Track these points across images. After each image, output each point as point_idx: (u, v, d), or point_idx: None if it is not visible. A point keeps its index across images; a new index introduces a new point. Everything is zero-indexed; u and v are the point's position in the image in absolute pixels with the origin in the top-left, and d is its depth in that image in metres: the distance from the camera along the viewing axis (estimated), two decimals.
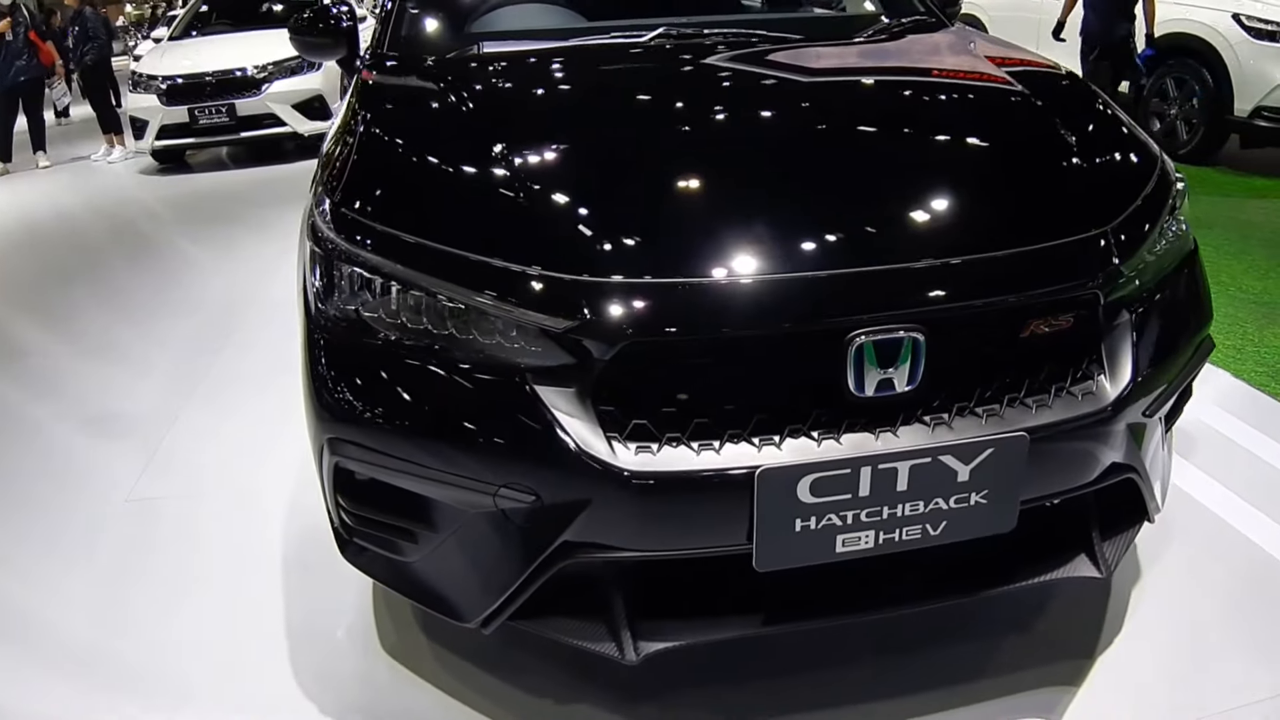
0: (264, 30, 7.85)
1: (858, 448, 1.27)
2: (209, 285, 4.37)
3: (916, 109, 1.78)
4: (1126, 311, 1.46)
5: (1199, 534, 2.04)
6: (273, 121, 7.22)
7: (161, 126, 7.08)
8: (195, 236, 5.44)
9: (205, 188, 6.78)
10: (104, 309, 4.16)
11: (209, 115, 7.08)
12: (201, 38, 7.87)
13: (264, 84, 7.15)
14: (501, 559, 1.36)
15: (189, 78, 7.04)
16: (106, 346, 3.70)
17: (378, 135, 1.72)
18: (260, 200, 6.08)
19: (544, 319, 1.26)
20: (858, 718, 1.60)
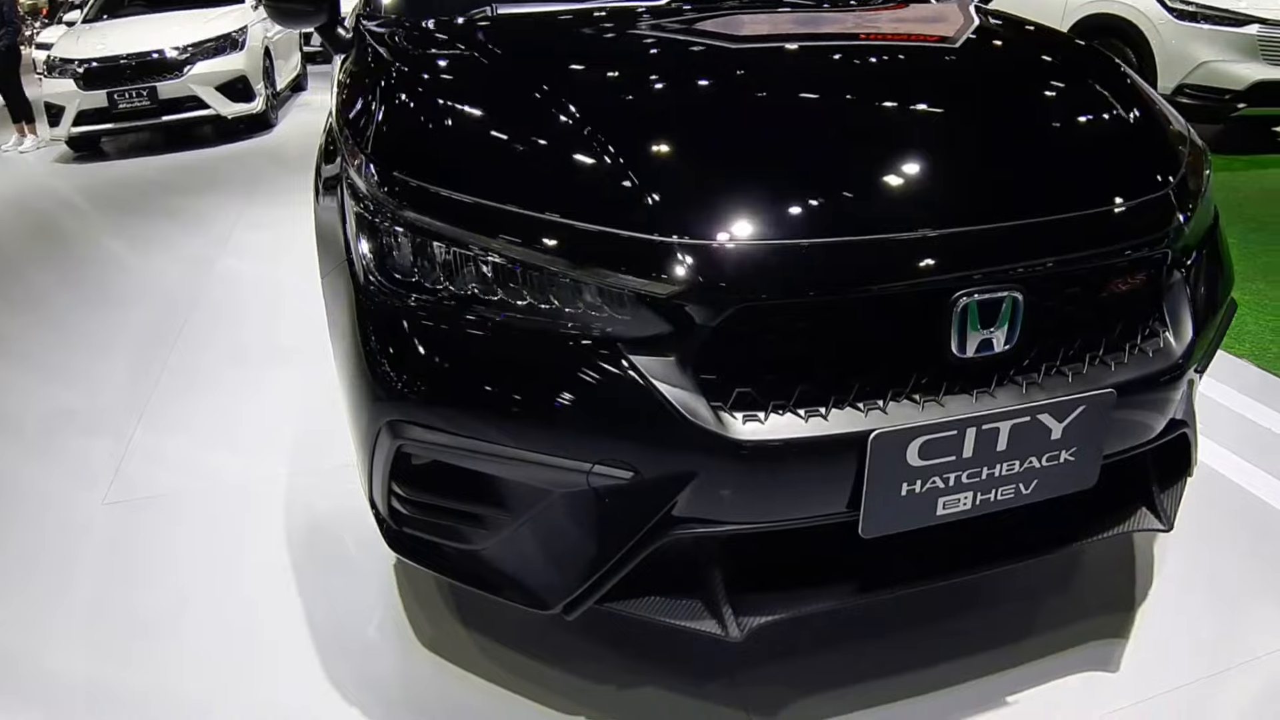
0: (182, 10, 7.43)
1: (959, 409, 1.24)
2: (145, 287, 3.93)
3: (987, 73, 1.74)
4: (1179, 270, 1.47)
5: (1198, 489, 2.10)
6: (195, 104, 6.83)
7: (79, 112, 6.61)
8: (121, 231, 4.94)
9: (125, 176, 6.32)
10: (24, 312, 3.82)
11: (129, 99, 6.65)
12: (117, 19, 7.37)
13: (185, 66, 6.75)
14: (591, 539, 1.28)
15: (107, 60, 6.59)
16: (46, 349, 3.41)
17: (425, 97, 1.57)
18: (186, 188, 5.71)
19: (647, 284, 1.18)
20: (920, 681, 1.58)
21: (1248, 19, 5.39)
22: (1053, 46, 1.85)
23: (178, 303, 3.62)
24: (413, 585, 1.89)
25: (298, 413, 2.68)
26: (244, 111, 6.96)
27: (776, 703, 1.55)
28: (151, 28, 6.99)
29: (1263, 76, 5.39)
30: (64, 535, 2.17)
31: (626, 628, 1.69)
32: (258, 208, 5.08)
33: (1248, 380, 2.64)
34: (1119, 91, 1.65)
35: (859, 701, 1.55)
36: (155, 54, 6.67)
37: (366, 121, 1.54)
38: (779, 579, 1.34)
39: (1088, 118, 1.56)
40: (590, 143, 1.34)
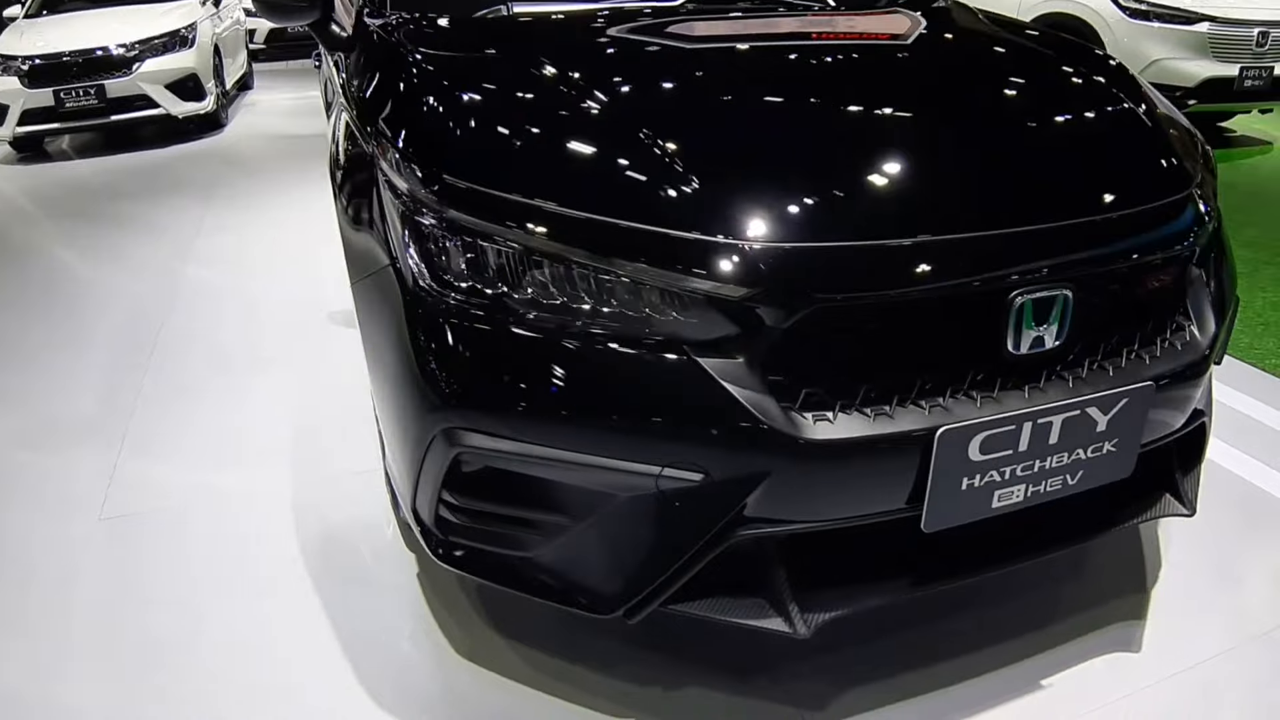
0: (127, 6, 7.18)
1: (1014, 405, 1.28)
2: (113, 297, 3.72)
3: (1027, 81, 1.77)
4: (1199, 267, 1.54)
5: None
6: (145, 103, 6.59)
7: (24, 111, 6.33)
8: (79, 240, 4.64)
9: (75, 180, 6.05)
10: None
11: (76, 98, 6.39)
12: (60, 15, 7.08)
13: (134, 63, 6.51)
14: (658, 542, 1.29)
15: (53, 58, 6.32)
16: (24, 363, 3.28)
17: (473, 98, 1.54)
18: (142, 193, 5.48)
19: (721, 287, 1.19)
20: (956, 670, 1.63)
21: (1199, 17, 5.62)
22: (1077, 55, 1.91)
23: (150, 312, 3.48)
24: (440, 595, 1.87)
25: (289, 420, 2.62)
26: (195, 111, 6.75)
27: (822, 697, 1.58)
28: (98, 24, 6.73)
29: (1213, 73, 5.62)
30: (61, 554, 2.08)
31: (660, 631, 1.70)
32: (219, 212, 4.90)
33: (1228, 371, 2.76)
34: (1139, 98, 1.72)
35: (900, 692, 1.59)
36: (103, 51, 6.43)
37: (409, 124, 1.50)
38: (840, 575, 1.36)
39: (1119, 123, 1.62)
40: (650, 146, 1.35)
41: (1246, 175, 5.48)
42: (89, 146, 6.98)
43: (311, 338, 3.19)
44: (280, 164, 6.05)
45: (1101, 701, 1.57)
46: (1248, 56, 5.76)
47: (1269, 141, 6.38)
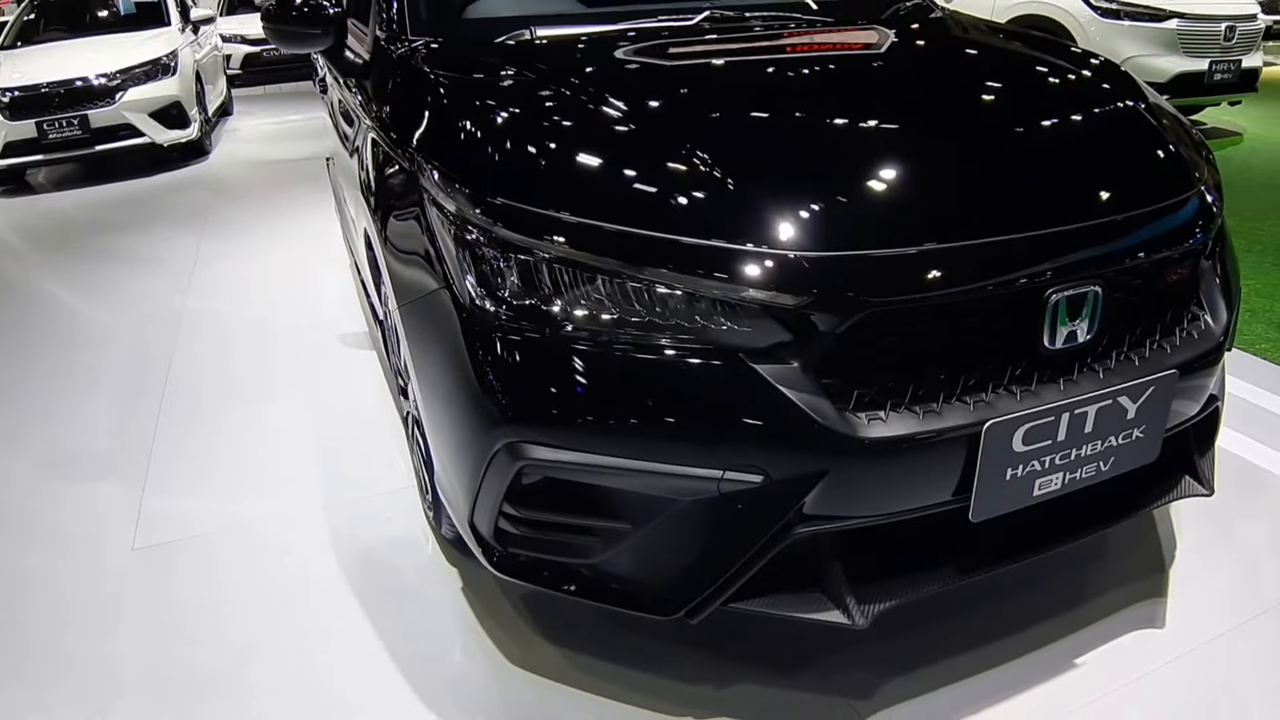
0: (107, 36, 7.18)
1: (1051, 397, 1.36)
2: (119, 330, 3.72)
3: (1049, 91, 1.86)
4: (1210, 260, 1.63)
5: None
6: (129, 132, 6.59)
7: (6, 144, 6.31)
8: (69, 277, 4.57)
9: (57, 212, 6.01)
10: None
11: (59, 129, 6.38)
12: (38, 45, 7.06)
13: (117, 92, 6.51)
14: (719, 543, 1.35)
15: (35, 89, 6.31)
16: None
17: (511, 121, 1.60)
18: (127, 225, 5.44)
19: (777, 296, 1.26)
20: (993, 654, 1.70)
21: (1168, 14, 5.80)
22: (1088, 64, 2.00)
23: (157, 345, 3.49)
24: (486, 607, 1.91)
25: (308, 444, 2.65)
26: (180, 139, 6.75)
27: (866, 686, 1.64)
28: (77, 54, 6.72)
29: (1184, 68, 5.80)
30: (98, 586, 2.10)
31: (704, 631, 1.75)
32: (213, 242, 4.89)
33: None
34: (1144, 100, 1.81)
35: (942, 678, 1.65)
36: (85, 81, 6.43)
37: (456, 149, 1.56)
38: (892, 567, 1.43)
39: (1131, 125, 1.73)
40: (696, 161, 1.41)
41: (1221, 166, 5.60)
42: (69, 178, 6.95)
43: (321, 361, 3.22)
44: (268, 190, 6.07)
45: (1135, 675, 1.65)
46: (1216, 51, 5.96)
47: (1239, 133, 6.57)
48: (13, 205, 6.34)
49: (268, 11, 2.45)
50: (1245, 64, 6.12)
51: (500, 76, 1.78)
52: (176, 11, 7.56)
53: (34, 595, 2.08)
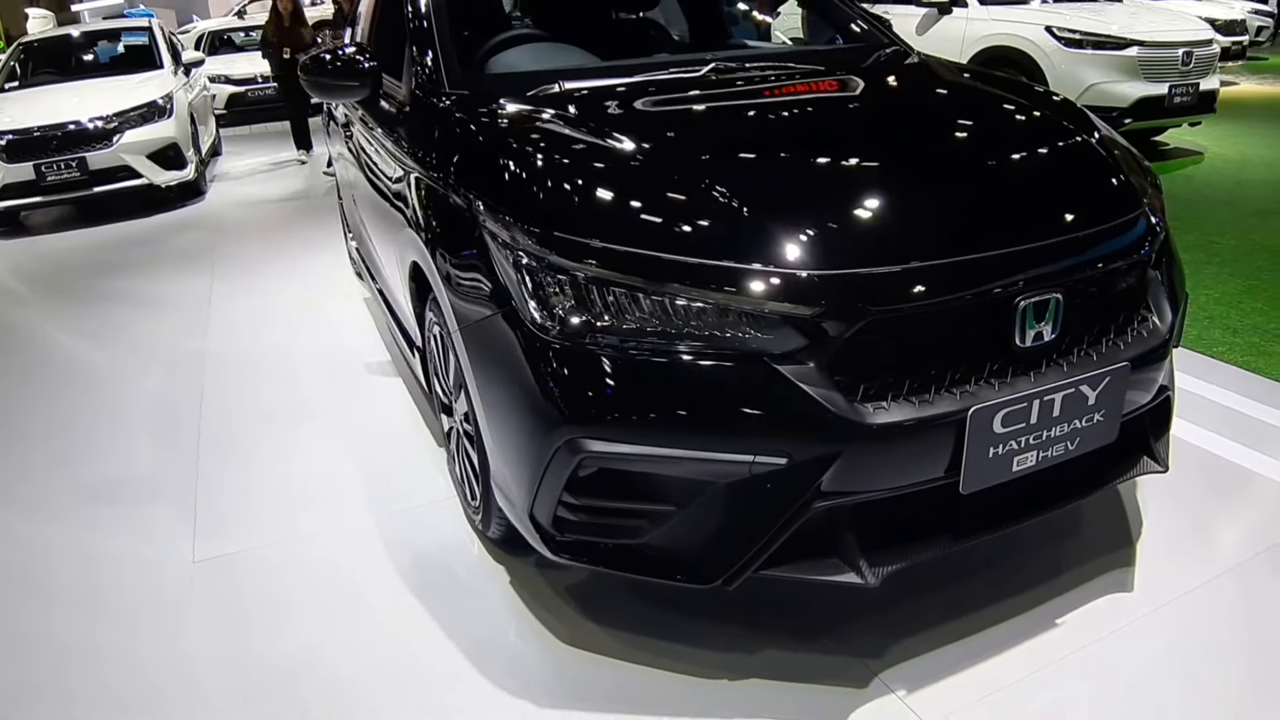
0: (101, 79, 7.46)
1: (1024, 387, 1.66)
2: (147, 368, 3.91)
3: (1013, 126, 2.20)
4: (1155, 269, 1.95)
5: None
6: (127, 174, 6.83)
7: (4, 186, 6.53)
8: (77, 321, 4.69)
9: (59, 254, 6.18)
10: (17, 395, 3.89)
11: (57, 171, 6.61)
12: (32, 89, 7.32)
13: (115, 135, 6.77)
14: (752, 517, 1.63)
15: (33, 131, 6.55)
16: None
17: (560, 163, 1.89)
18: (134, 266, 5.61)
19: (796, 309, 1.56)
20: (986, 618, 1.98)
21: (1128, 42, 6.25)
22: (1049, 103, 2.35)
23: (186, 380, 3.69)
24: (534, 596, 2.17)
25: (348, 464, 2.89)
26: (177, 179, 7.00)
27: (878, 648, 1.92)
28: (74, 97, 6.98)
29: (1145, 93, 6.25)
30: (166, 596, 2.31)
31: (732, 606, 2.03)
32: (223, 281, 5.07)
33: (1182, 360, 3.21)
34: (1095, 132, 2.15)
35: (944, 639, 1.94)
36: (83, 123, 6.67)
37: (513, 188, 1.85)
38: (898, 535, 1.72)
39: (1085, 155, 2.06)
40: (723, 198, 1.72)
41: (1182, 185, 6.07)
42: (64, 220, 7.13)
43: (349, 388, 3.48)
44: (270, 228, 6.33)
45: (1108, 630, 1.94)
46: (1175, 76, 6.41)
47: (1200, 152, 7.03)
48: (10, 248, 6.52)
49: (306, 65, 2.76)
50: (1203, 87, 6.58)
51: (541, 125, 2.08)
52: (168, 54, 7.85)
53: (103, 611, 2.28)
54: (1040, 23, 6.41)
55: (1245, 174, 6.35)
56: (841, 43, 3.04)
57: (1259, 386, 3.05)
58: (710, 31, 3.64)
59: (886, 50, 2.79)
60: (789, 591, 2.05)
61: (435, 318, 2.27)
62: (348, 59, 2.71)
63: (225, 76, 10.96)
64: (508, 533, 2.16)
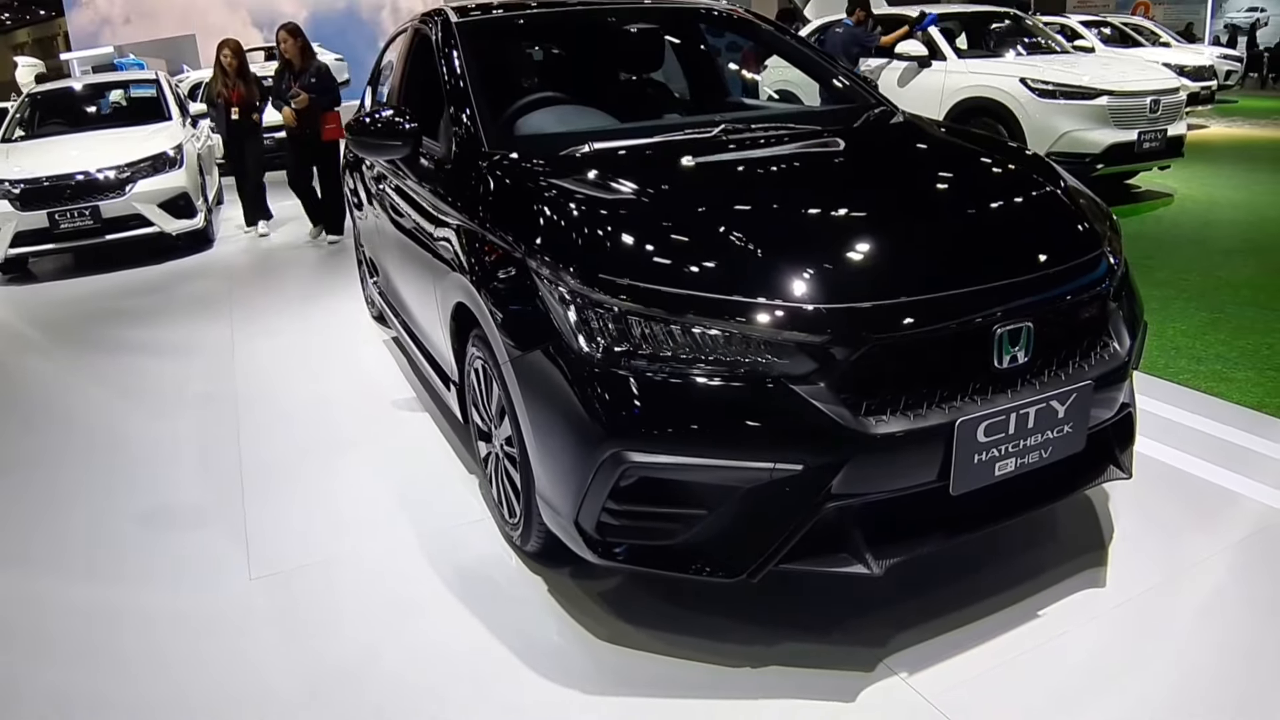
0: (112, 130, 7.79)
1: (1003, 402, 1.98)
2: (175, 419, 4.02)
3: (987, 177, 2.56)
4: (1115, 301, 2.29)
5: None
6: (139, 222, 7.12)
7: (16, 233, 6.82)
8: (97, 373, 4.83)
9: (71, 302, 6.38)
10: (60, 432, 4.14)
11: (71, 219, 6.91)
12: (44, 139, 7.65)
13: (127, 184, 7.07)
14: (771, 518, 1.93)
15: (47, 180, 6.85)
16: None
17: (600, 215, 2.21)
18: (143, 314, 5.80)
19: (809, 337, 1.88)
20: (976, 611, 2.27)
21: (1098, 92, 6.73)
22: (1020, 158, 2.73)
23: (221, 418, 3.94)
24: (571, 600, 2.45)
25: (386, 490, 3.16)
26: (188, 228, 7.30)
27: (883, 639, 2.21)
28: (86, 147, 7.29)
29: (1115, 139, 6.71)
30: (228, 610, 2.54)
31: (751, 605, 2.31)
32: (243, 327, 5.28)
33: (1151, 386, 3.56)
34: (1065, 186, 2.50)
35: (938, 629, 2.22)
36: (96, 173, 6.97)
37: (560, 237, 2.18)
38: (898, 532, 2.02)
39: (1050, 203, 2.42)
40: (745, 244, 2.05)
41: (1153, 225, 6.51)
42: (71, 267, 7.37)
43: (380, 422, 3.76)
44: (281, 273, 6.63)
45: (1084, 620, 2.24)
46: (1144, 123, 6.89)
47: (1170, 194, 7.50)
48: (20, 295, 6.75)
49: (351, 126, 3.10)
50: (1171, 132, 7.05)
51: (578, 180, 2.42)
52: (176, 106, 8.21)
53: (169, 624, 2.51)
54: (1015, 75, 6.89)
55: (1212, 215, 6.81)
56: (834, 103, 3.41)
57: (1220, 409, 3.39)
58: (709, 89, 4.03)
59: (875, 110, 3.15)
60: (801, 593, 2.35)
61: (478, 352, 2.57)
62: (388, 121, 3.04)
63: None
64: (545, 545, 2.45)
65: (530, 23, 3.63)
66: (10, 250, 6.89)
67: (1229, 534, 2.58)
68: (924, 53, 7.57)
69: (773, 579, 2.03)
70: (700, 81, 4.08)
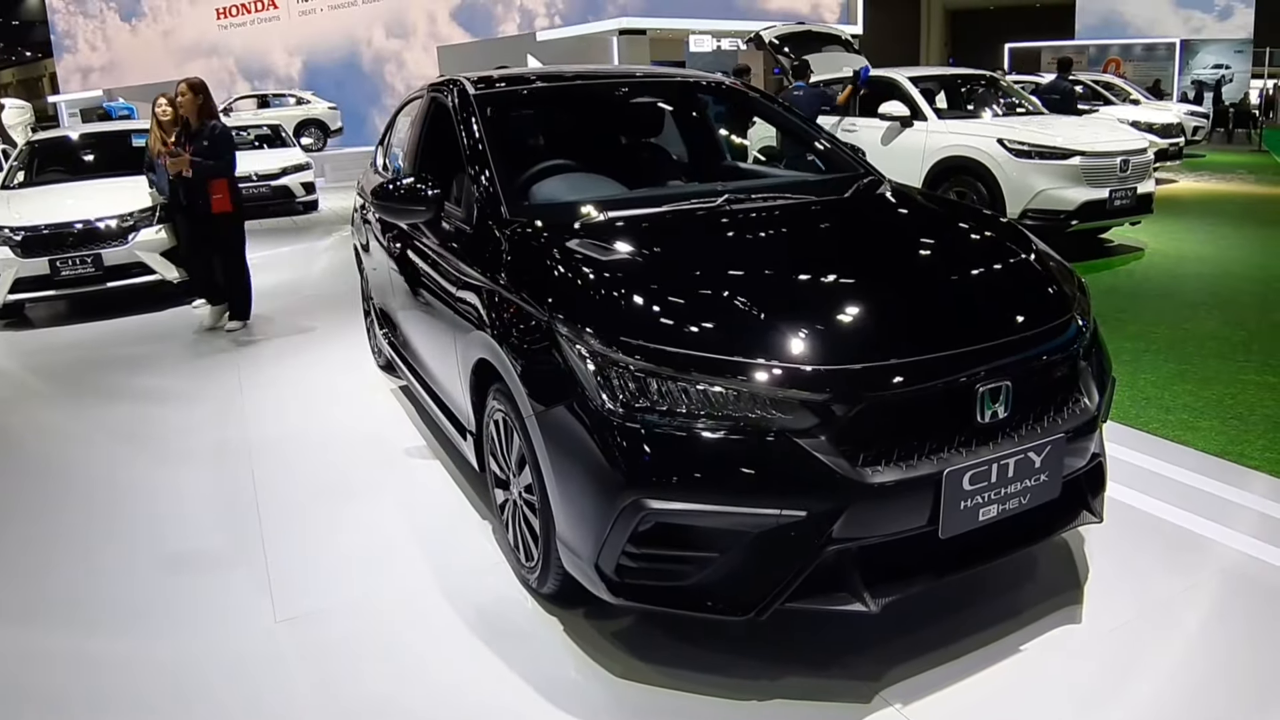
0: (113, 179, 7.97)
1: (985, 453, 2.21)
2: (190, 466, 4.19)
3: (964, 246, 2.83)
4: (1085, 360, 2.54)
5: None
6: (140, 270, 7.27)
7: (16, 279, 6.96)
8: (104, 421, 4.88)
9: (71, 349, 6.45)
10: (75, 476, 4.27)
11: (72, 266, 7.07)
12: (44, 186, 7.84)
13: (130, 233, 7.25)
14: (777, 560, 2.14)
15: (49, 228, 7.01)
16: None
17: (617, 281, 2.45)
18: (146, 361, 5.87)
19: (811, 395, 2.11)
20: (963, 646, 2.47)
21: (1071, 152, 7.11)
22: (993, 224, 3.02)
23: (235, 463, 4.10)
24: (586, 640, 2.62)
25: (403, 535, 3.32)
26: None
27: (877, 673, 2.40)
28: (88, 195, 7.46)
29: (1088, 197, 7.09)
30: (255, 651, 2.68)
31: (756, 643, 2.50)
32: (251, 373, 5.42)
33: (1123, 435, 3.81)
34: (1033, 250, 2.77)
35: (929, 664, 2.42)
36: (98, 222, 7.14)
37: (581, 299, 2.41)
38: (892, 572, 2.23)
39: (1024, 270, 2.68)
40: (749, 309, 2.28)
41: (1125, 279, 6.85)
42: (68, 314, 7.45)
43: (393, 469, 3.93)
44: (284, 320, 6.78)
45: (1062, 654, 2.45)
46: (1114, 181, 7.27)
47: (1140, 248, 7.88)
48: (19, 341, 6.83)
49: (377, 191, 3.34)
50: (1140, 190, 7.44)
51: (596, 247, 2.66)
52: None
53: (198, 665, 2.64)
54: (993, 135, 7.27)
55: (1180, 269, 7.17)
56: (826, 172, 3.69)
57: (1187, 456, 3.65)
58: (706, 154, 4.32)
59: (864, 180, 3.43)
60: (802, 630, 2.54)
61: (499, 405, 2.78)
62: (410, 188, 3.28)
63: None
64: (561, 587, 2.63)
65: (541, 94, 3.90)
66: (9, 296, 7.02)
67: (1195, 574, 2.81)
68: (906, 113, 7.95)
69: (775, 617, 2.22)
70: (697, 146, 4.36)
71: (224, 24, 25.01)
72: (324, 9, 23.43)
